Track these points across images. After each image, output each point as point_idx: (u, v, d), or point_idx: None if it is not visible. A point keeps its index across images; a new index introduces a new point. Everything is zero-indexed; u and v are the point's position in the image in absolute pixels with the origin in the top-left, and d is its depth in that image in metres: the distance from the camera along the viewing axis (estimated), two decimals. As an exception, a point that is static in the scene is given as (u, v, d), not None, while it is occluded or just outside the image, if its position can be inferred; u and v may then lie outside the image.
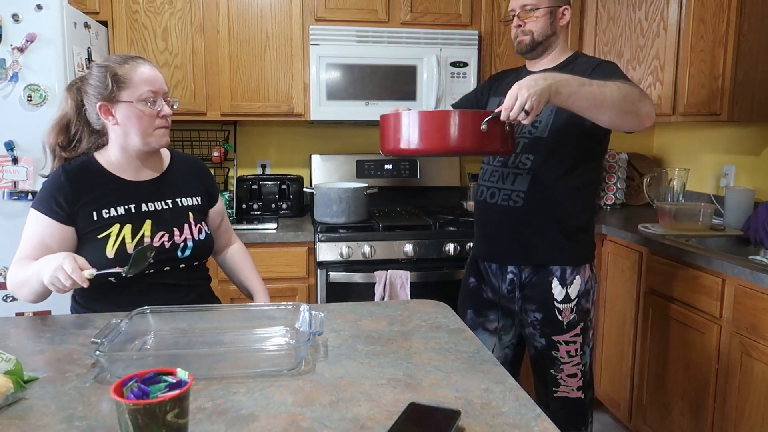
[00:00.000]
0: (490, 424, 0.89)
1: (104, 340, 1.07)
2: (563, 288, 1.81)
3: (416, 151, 1.48)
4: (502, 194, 1.81)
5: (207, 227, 1.58)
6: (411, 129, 1.47)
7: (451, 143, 1.43)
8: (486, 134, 1.41)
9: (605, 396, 2.78)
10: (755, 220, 2.33)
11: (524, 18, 1.77)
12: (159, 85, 1.44)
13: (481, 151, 1.49)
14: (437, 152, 1.48)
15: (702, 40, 2.53)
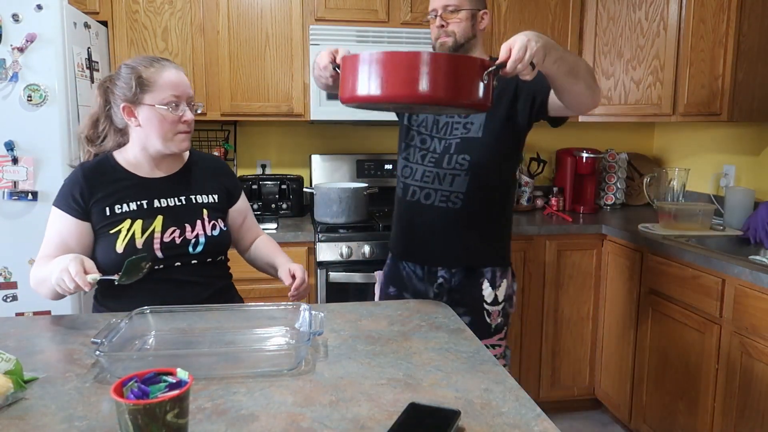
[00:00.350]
0: (490, 424, 0.89)
1: (104, 340, 1.07)
2: (493, 290, 1.79)
3: (387, 97, 1.21)
4: (440, 195, 1.75)
5: (224, 224, 1.56)
6: (388, 69, 1.21)
7: (435, 91, 1.19)
8: (476, 86, 1.23)
9: (605, 396, 2.78)
10: (755, 220, 2.33)
11: (447, 18, 1.72)
12: (183, 89, 1.44)
13: (463, 103, 1.26)
14: (413, 100, 1.22)
15: (702, 40, 2.53)
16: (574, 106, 1.59)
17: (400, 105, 1.27)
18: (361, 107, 1.36)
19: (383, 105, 1.32)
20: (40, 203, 2.18)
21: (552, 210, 3.13)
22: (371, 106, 1.35)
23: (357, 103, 1.28)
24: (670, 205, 2.65)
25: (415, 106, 1.30)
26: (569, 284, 2.79)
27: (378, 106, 1.38)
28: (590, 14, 2.95)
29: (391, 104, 1.30)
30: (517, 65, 1.26)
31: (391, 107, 1.41)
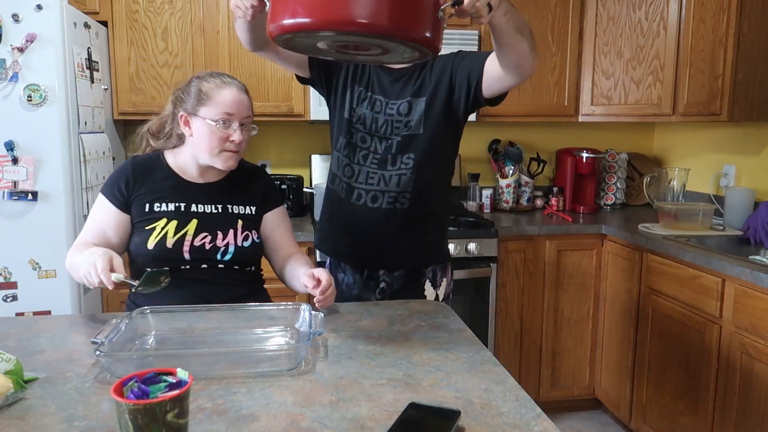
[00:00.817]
0: (490, 424, 0.89)
1: (104, 340, 1.07)
2: (434, 290, 1.76)
3: (320, 22, 1.03)
4: (387, 198, 1.65)
5: (257, 237, 1.55)
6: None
7: (379, 16, 1.02)
8: (428, 19, 1.08)
9: (605, 396, 2.78)
10: (755, 220, 2.33)
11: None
12: (238, 109, 1.45)
13: (412, 37, 1.08)
14: (352, 27, 1.04)
15: (702, 40, 2.53)
16: (515, 69, 1.47)
17: (339, 36, 1.08)
18: (295, 47, 1.18)
19: (317, 37, 1.10)
20: (40, 203, 2.18)
21: (552, 210, 3.13)
22: (304, 42, 1.14)
23: (287, 35, 1.08)
24: (670, 205, 2.65)
25: (355, 37, 1.09)
26: (569, 284, 2.79)
27: (312, 41, 1.14)
28: (590, 14, 2.95)
29: (327, 34, 1.08)
30: (476, 2, 1.15)
31: (328, 44, 1.17)
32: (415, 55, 1.17)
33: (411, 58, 1.20)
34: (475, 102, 1.62)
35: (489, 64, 1.54)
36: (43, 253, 2.20)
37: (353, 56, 1.26)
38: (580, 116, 3.04)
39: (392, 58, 1.22)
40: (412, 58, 1.19)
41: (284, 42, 1.12)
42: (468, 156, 3.34)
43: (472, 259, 2.65)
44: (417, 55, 1.17)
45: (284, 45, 1.15)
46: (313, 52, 1.24)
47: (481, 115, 2.95)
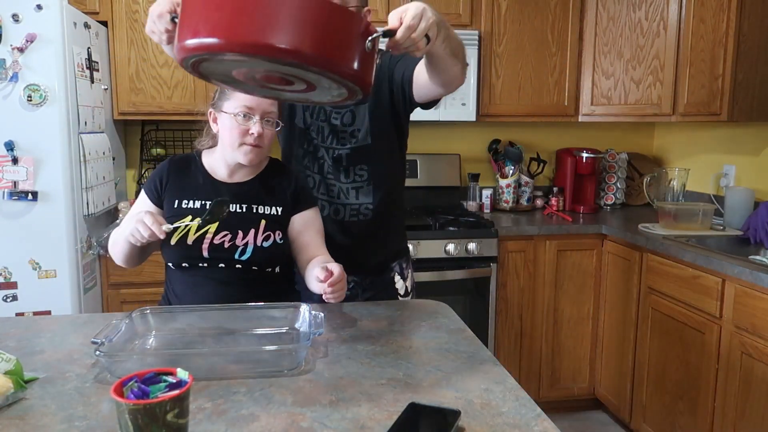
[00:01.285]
0: (490, 424, 0.89)
1: (104, 339, 1.07)
2: (404, 282, 1.79)
3: (231, 44, 0.91)
4: (350, 210, 1.67)
5: (280, 237, 1.51)
6: (236, 6, 0.90)
7: (300, 43, 0.90)
8: (355, 51, 0.97)
9: (605, 396, 2.78)
10: (755, 220, 2.33)
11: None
12: (258, 102, 1.43)
13: (337, 70, 0.96)
14: (269, 52, 0.91)
15: (702, 40, 2.53)
16: (444, 86, 1.47)
17: (250, 62, 0.96)
18: (209, 76, 1.07)
19: (227, 62, 0.99)
20: (40, 203, 2.18)
21: (552, 210, 3.13)
22: (216, 69, 1.03)
23: (192, 57, 0.96)
24: (670, 205, 2.65)
25: (267, 64, 0.97)
26: (569, 284, 2.79)
27: (224, 68, 1.02)
28: (590, 14, 2.95)
29: (235, 58, 0.96)
30: (411, 34, 1.03)
31: (244, 74, 1.06)
32: (342, 92, 1.06)
33: (339, 96, 1.09)
34: (411, 105, 1.61)
35: (418, 71, 1.50)
36: (43, 253, 2.20)
37: (278, 92, 1.15)
38: (580, 116, 3.04)
39: (319, 96, 1.12)
40: (341, 95, 1.08)
41: (193, 67, 1.01)
42: (468, 156, 3.34)
43: (472, 259, 2.65)
44: (345, 93, 1.06)
45: (196, 72, 1.04)
46: (230, 84, 1.13)
47: (481, 115, 2.95)
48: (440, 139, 3.31)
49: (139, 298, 2.44)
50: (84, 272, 2.32)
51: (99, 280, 2.48)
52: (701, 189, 3.03)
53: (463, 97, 2.85)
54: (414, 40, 1.04)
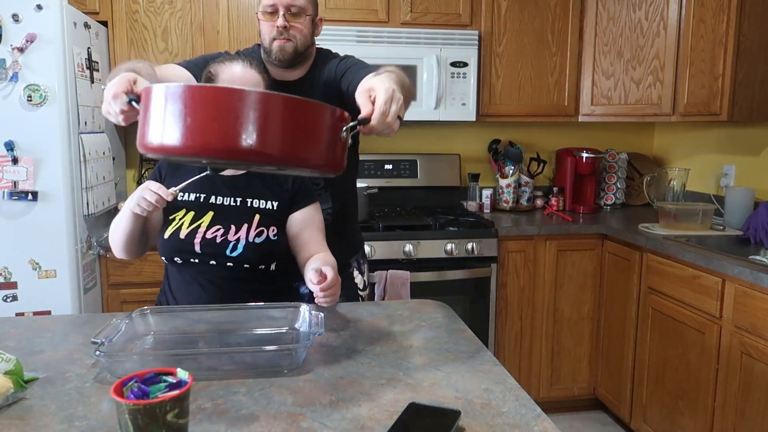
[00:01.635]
0: (490, 424, 0.89)
1: (104, 340, 1.07)
2: (362, 277, 1.83)
3: (196, 148, 0.89)
4: None
5: (275, 234, 1.48)
6: (202, 110, 0.88)
7: (269, 146, 0.89)
8: (329, 144, 0.96)
9: (605, 396, 2.78)
10: (755, 220, 2.33)
11: (290, 21, 1.53)
12: (242, 84, 1.37)
13: (311, 165, 0.96)
14: (237, 156, 0.89)
15: (702, 40, 2.53)
16: None
17: (223, 161, 0.95)
18: (169, 160, 1.05)
19: (194, 159, 0.97)
20: (40, 203, 2.18)
21: (552, 210, 3.13)
22: (180, 159, 1.03)
23: (158, 155, 0.95)
24: (670, 205, 2.65)
25: (244, 163, 0.96)
26: (569, 284, 2.79)
27: (188, 160, 1.02)
28: (590, 14, 2.95)
29: (207, 159, 0.94)
30: (385, 119, 1.04)
31: (210, 162, 1.03)
32: (315, 174, 1.07)
33: (311, 176, 1.11)
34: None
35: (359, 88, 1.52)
36: (43, 253, 2.20)
37: (247, 166, 1.13)
38: (580, 116, 3.05)
39: (291, 172, 1.11)
40: (313, 176, 1.10)
41: (159, 158, 1.02)
42: (468, 156, 3.34)
43: (472, 259, 2.65)
44: (317, 174, 1.07)
45: (161, 159, 1.06)
46: (195, 163, 1.13)
47: (481, 115, 2.95)
48: (440, 139, 3.31)
49: (139, 298, 2.44)
50: (84, 272, 2.32)
51: (99, 280, 2.48)
52: (701, 189, 3.03)
53: (463, 97, 2.85)
54: (389, 124, 1.05)
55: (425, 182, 3.18)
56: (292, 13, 1.52)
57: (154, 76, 1.29)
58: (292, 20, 1.52)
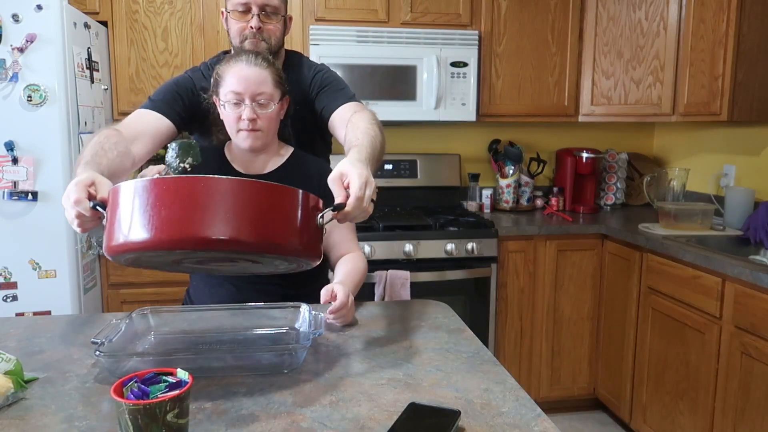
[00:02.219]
0: (490, 424, 0.89)
1: (104, 339, 1.07)
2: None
3: (166, 240, 0.88)
4: None
5: None
6: (169, 201, 0.88)
7: (242, 233, 0.89)
8: (306, 230, 0.97)
9: (605, 396, 2.78)
10: (755, 220, 2.33)
11: (264, 20, 1.49)
12: (246, 86, 1.35)
13: (283, 251, 0.95)
14: (210, 245, 0.89)
15: (702, 40, 2.53)
16: None
17: (196, 253, 0.93)
18: (144, 264, 1.01)
19: (167, 254, 0.94)
20: (40, 203, 2.18)
21: (552, 210, 3.13)
22: (153, 260, 0.99)
23: (126, 254, 0.93)
24: (670, 205, 2.65)
25: (218, 253, 0.94)
26: (569, 284, 2.79)
27: (162, 258, 0.98)
28: (590, 14, 2.95)
29: (179, 251, 0.92)
30: (360, 204, 1.04)
31: (184, 259, 1.01)
32: (292, 266, 1.06)
33: (287, 269, 1.09)
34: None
35: (335, 125, 1.51)
36: (43, 253, 2.20)
37: (217, 269, 1.12)
38: (580, 116, 3.05)
39: (265, 268, 1.11)
40: (289, 268, 1.08)
41: (128, 262, 0.97)
42: (468, 156, 3.34)
43: (472, 259, 2.65)
44: (294, 266, 1.06)
45: (130, 263, 1.00)
46: (165, 268, 1.09)
47: (481, 115, 2.95)
48: (440, 139, 3.31)
49: (139, 298, 2.44)
50: (84, 272, 2.32)
51: (99, 280, 2.48)
52: (701, 189, 3.03)
53: (463, 97, 2.85)
54: (364, 209, 1.06)
55: (425, 182, 3.18)
56: (266, 13, 1.46)
57: (122, 152, 1.26)
58: (267, 21, 1.46)
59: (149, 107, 1.47)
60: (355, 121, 1.36)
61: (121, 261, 0.98)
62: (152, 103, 1.48)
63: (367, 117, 1.39)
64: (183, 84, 1.52)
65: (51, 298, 2.22)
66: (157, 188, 0.89)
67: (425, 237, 2.60)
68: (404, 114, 2.83)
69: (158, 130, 1.45)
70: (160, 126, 1.45)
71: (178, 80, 1.54)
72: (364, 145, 1.22)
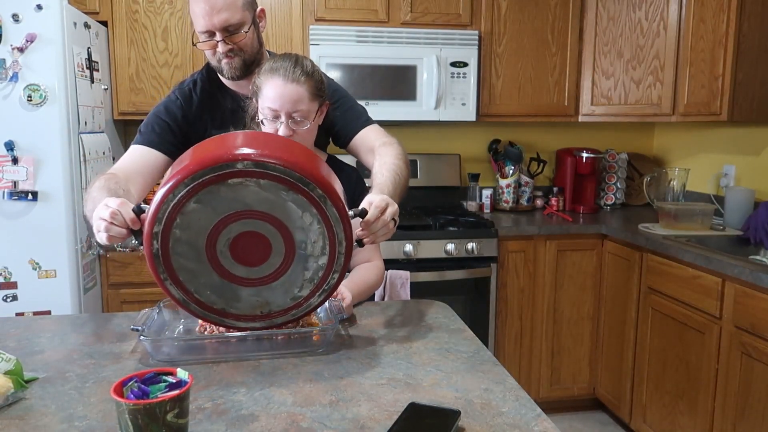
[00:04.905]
0: (490, 424, 0.89)
1: (143, 327, 1.13)
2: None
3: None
4: None
5: None
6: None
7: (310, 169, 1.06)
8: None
9: (605, 396, 2.78)
10: (755, 220, 2.33)
11: (232, 40, 1.43)
12: (281, 104, 1.33)
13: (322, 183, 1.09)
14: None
15: (702, 40, 2.53)
16: None
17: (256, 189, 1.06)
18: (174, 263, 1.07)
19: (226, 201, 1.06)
20: (40, 203, 2.18)
21: (552, 210, 3.13)
22: (198, 217, 1.06)
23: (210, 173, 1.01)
24: (670, 205, 2.65)
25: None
26: (569, 284, 2.79)
27: (207, 219, 1.07)
28: (590, 14, 2.95)
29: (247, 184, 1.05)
30: (381, 216, 1.18)
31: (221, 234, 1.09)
32: (321, 264, 1.15)
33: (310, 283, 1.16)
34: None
35: (359, 146, 1.56)
36: (43, 253, 2.20)
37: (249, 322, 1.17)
38: (580, 116, 3.05)
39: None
40: (318, 270, 1.15)
41: (174, 209, 1.04)
42: (468, 156, 3.34)
43: (472, 259, 2.65)
44: (323, 264, 1.15)
45: (164, 247, 1.06)
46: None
47: (481, 115, 2.95)
48: (440, 139, 3.31)
49: (139, 298, 2.44)
50: (84, 272, 2.32)
51: (99, 280, 2.48)
52: (701, 189, 3.03)
53: (463, 97, 2.85)
54: (385, 223, 1.17)
55: (425, 182, 3.18)
56: (230, 33, 1.40)
57: (126, 191, 1.30)
58: (233, 39, 1.41)
59: (140, 142, 1.47)
60: (382, 155, 1.44)
61: (170, 210, 1.03)
62: (142, 136, 1.48)
63: (393, 153, 1.45)
64: (171, 109, 1.50)
65: (51, 298, 2.22)
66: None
67: (425, 237, 2.60)
68: (404, 114, 2.83)
69: (152, 166, 1.46)
70: (154, 161, 1.46)
71: (167, 104, 1.52)
72: (387, 183, 1.33)
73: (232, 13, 1.38)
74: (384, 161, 1.40)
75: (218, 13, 1.37)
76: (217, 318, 1.13)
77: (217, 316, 1.12)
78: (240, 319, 1.13)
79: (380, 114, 2.72)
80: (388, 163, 1.39)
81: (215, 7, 1.36)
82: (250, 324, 1.14)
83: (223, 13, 1.37)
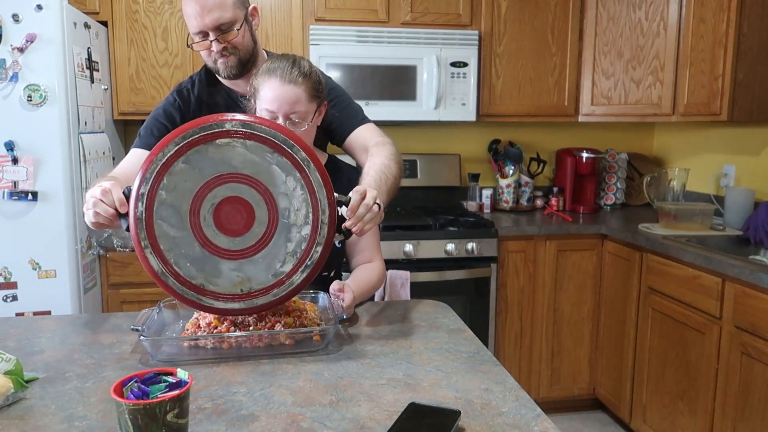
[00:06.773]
0: (490, 424, 0.89)
1: (143, 327, 1.13)
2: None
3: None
4: None
5: (339, 241, 1.42)
6: None
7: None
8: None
9: (605, 396, 2.78)
10: (755, 220, 2.33)
11: (225, 39, 1.43)
12: (279, 105, 1.33)
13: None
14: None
15: (702, 40, 2.53)
16: None
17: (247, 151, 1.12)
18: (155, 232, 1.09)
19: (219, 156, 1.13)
20: (40, 203, 2.18)
21: (552, 210, 3.13)
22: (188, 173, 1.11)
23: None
24: (670, 205, 2.65)
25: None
26: (569, 284, 2.79)
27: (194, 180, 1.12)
28: (590, 14, 2.95)
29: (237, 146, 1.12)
30: (362, 200, 1.15)
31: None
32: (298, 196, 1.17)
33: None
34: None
35: (354, 144, 1.56)
36: (43, 253, 2.20)
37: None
38: (580, 116, 3.04)
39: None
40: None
41: (164, 165, 1.07)
42: (468, 156, 3.34)
43: (472, 259, 2.65)
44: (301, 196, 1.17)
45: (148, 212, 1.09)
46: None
47: (481, 115, 2.95)
48: (440, 139, 3.31)
49: (139, 298, 2.44)
50: (84, 272, 2.32)
51: (99, 280, 2.48)
52: (701, 189, 3.03)
53: (463, 97, 2.85)
54: (368, 206, 1.15)
55: (425, 182, 3.18)
56: (223, 32, 1.41)
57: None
58: (226, 38, 1.41)
59: (139, 145, 1.49)
60: (373, 155, 1.43)
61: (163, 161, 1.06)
62: (141, 140, 1.50)
63: (385, 153, 1.44)
64: (169, 112, 1.51)
65: (51, 298, 2.22)
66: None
67: (425, 237, 2.60)
68: (404, 114, 2.83)
69: None
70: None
71: (165, 107, 1.53)
72: (372, 184, 1.30)
73: (222, 12, 1.39)
74: (374, 161, 1.40)
75: (209, 13, 1.38)
76: (195, 296, 1.11)
77: (195, 293, 1.10)
78: (219, 298, 1.11)
79: (380, 114, 2.72)
80: (377, 164, 1.38)
81: (206, 7, 1.38)
82: (230, 305, 1.12)
83: (214, 12, 1.38)
